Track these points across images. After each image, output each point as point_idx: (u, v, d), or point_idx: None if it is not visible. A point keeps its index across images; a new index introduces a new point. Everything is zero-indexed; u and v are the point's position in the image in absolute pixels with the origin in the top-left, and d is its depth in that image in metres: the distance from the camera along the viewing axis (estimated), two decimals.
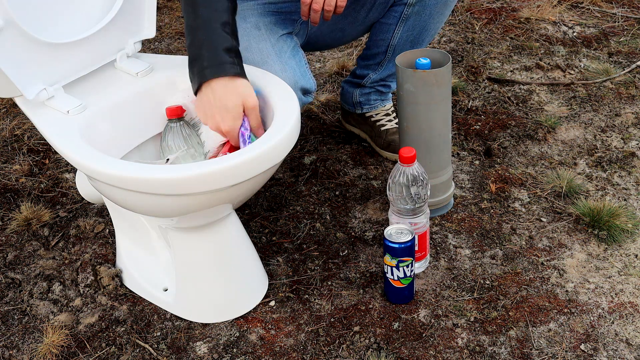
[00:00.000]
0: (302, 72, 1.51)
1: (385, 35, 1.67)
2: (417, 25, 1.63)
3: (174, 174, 1.11)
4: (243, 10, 1.54)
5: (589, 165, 1.79)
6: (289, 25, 1.58)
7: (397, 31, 1.65)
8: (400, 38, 1.66)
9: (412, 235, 1.34)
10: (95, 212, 1.73)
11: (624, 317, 1.37)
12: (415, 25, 1.63)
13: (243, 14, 1.53)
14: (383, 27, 1.67)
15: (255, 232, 1.64)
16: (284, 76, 1.44)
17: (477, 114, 2.01)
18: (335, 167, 1.82)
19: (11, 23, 1.19)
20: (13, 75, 1.22)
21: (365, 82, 1.80)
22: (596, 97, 2.06)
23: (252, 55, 1.47)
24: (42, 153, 1.97)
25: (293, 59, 1.51)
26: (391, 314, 1.40)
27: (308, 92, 1.53)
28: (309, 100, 1.55)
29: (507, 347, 1.32)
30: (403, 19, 1.62)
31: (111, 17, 1.38)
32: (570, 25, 2.46)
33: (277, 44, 1.51)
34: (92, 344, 1.39)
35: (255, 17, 1.54)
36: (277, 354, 1.34)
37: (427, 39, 1.68)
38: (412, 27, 1.63)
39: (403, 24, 1.63)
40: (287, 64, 1.47)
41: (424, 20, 1.62)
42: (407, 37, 1.65)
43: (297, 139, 1.24)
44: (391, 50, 1.70)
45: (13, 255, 1.62)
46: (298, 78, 1.48)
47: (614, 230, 1.55)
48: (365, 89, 1.82)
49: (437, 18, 1.62)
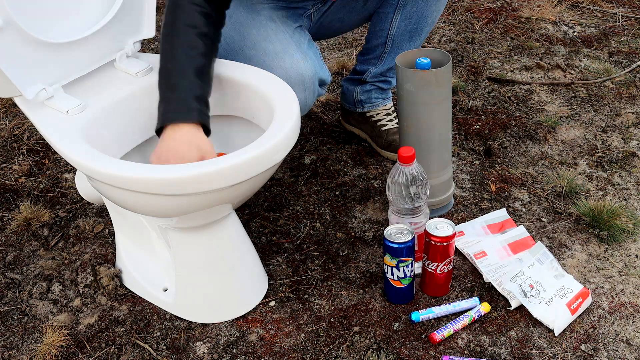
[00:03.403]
0: (320, 64, 1.53)
1: (384, 25, 1.68)
2: (415, 13, 1.64)
3: (174, 174, 1.11)
4: (255, 4, 1.55)
5: (589, 165, 1.79)
6: (298, 19, 1.60)
7: (395, 20, 1.66)
8: (399, 27, 1.67)
9: (412, 235, 1.34)
10: (95, 212, 1.73)
11: (624, 318, 1.37)
12: (412, 13, 1.64)
13: (255, 8, 1.54)
14: (381, 16, 1.68)
15: (255, 232, 1.63)
16: (305, 66, 1.45)
17: (477, 114, 2.01)
18: (335, 167, 1.82)
19: (11, 23, 1.19)
20: (12, 75, 1.22)
21: (365, 77, 1.80)
22: (596, 97, 2.05)
23: (273, 45, 1.47)
24: (42, 153, 1.96)
25: (311, 49, 1.53)
26: (391, 314, 1.40)
27: (324, 84, 1.56)
28: (323, 92, 1.57)
29: (507, 347, 1.32)
30: (400, 7, 1.64)
31: (111, 17, 1.38)
32: (571, 25, 2.46)
33: (294, 35, 1.52)
34: (92, 344, 1.39)
35: (268, 11, 1.55)
36: (277, 354, 1.34)
37: (425, 29, 1.69)
38: (410, 15, 1.64)
39: (400, 11, 1.64)
40: (308, 54, 1.49)
41: (420, 7, 1.63)
42: (405, 27, 1.66)
43: (297, 139, 1.24)
44: (390, 41, 1.70)
45: (12, 256, 1.62)
46: (317, 69, 1.50)
47: (614, 230, 1.55)
48: (366, 86, 1.82)
49: (433, 5, 1.64)
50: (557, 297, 1.37)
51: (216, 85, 1.39)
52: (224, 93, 1.38)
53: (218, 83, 1.38)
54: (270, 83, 1.33)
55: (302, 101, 1.48)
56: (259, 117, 1.34)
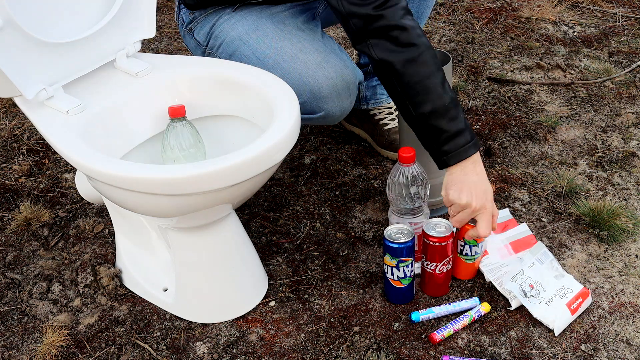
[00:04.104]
0: (354, 65, 1.52)
1: None
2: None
3: (174, 174, 1.11)
4: (275, 13, 1.53)
5: (589, 165, 1.79)
6: (313, 21, 1.58)
7: None
8: None
9: (412, 236, 1.34)
10: (95, 212, 1.73)
11: (624, 318, 1.37)
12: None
13: (278, 17, 1.52)
14: None
15: (255, 232, 1.63)
16: (348, 71, 1.46)
17: (477, 114, 2.01)
18: (335, 167, 1.82)
19: (11, 23, 1.19)
20: (12, 75, 1.22)
21: (369, 69, 1.80)
22: (596, 97, 2.05)
23: (312, 56, 1.46)
24: (42, 153, 1.96)
25: (343, 53, 1.53)
26: (391, 314, 1.40)
27: (360, 83, 1.55)
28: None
29: (507, 347, 1.32)
30: None
31: (111, 17, 1.38)
32: (571, 25, 2.46)
33: (327, 42, 1.52)
34: (92, 344, 1.39)
35: (291, 19, 1.53)
36: (277, 354, 1.34)
37: (426, 12, 1.69)
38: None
39: None
40: (345, 60, 1.49)
41: None
42: None
43: (297, 139, 1.24)
44: None
45: (12, 256, 1.62)
46: (357, 71, 1.50)
47: (614, 230, 1.55)
48: (372, 81, 1.82)
49: None
50: (557, 297, 1.37)
51: (216, 85, 1.39)
52: (225, 93, 1.38)
53: (218, 83, 1.39)
54: (270, 83, 1.33)
55: (347, 107, 1.49)
56: (259, 117, 1.34)
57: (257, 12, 1.52)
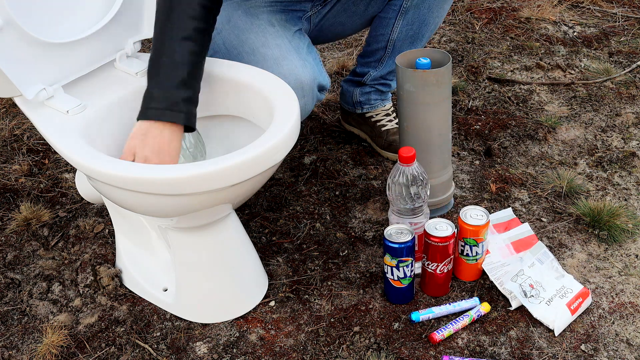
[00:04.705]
0: (320, 69, 1.52)
1: (385, 30, 1.67)
2: (417, 20, 1.63)
3: (174, 174, 1.11)
4: (252, 7, 1.54)
5: (589, 165, 1.79)
6: (297, 22, 1.59)
7: (397, 25, 1.65)
8: (400, 32, 1.66)
9: (412, 235, 1.34)
10: (95, 212, 1.73)
11: (624, 318, 1.37)
12: (414, 20, 1.63)
13: (254, 11, 1.53)
14: (382, 21, 1.67)
15: (255, 232, 1.63)
16: (304, 72, 1.45)
17: (477, 114, 2.01)
18: (335, 167, 1.82)
19: (11, 23, 1.19)
20: (12, 75, 1.22)
21: (365, 79, 1.80)
22: (596, 97, 2.05)
23: (271, 50, 1.46)
24: (42, 153, 1.96)
25: (310, 55, 1.52)
26: (391, 314, 1.40)
27: (323, 89, 1.54)
28: (322, 97, 1.56)
29: (507, 347, 1.32)
30: (402, 13, 1.62)
31: (111, 17, 1.38)
32: (571, 25, 2.46)
33: (293, 40, 1.51)
34: (92, 344, 1.39)
35: (267, 14, 1.54)
36: (277, 354, 1.34)
37: (427, 34, 1.68)
38: (412, 22, 1.63)
39: (402, 17, 1.63)
40: (307, 60, 1.48)
41: (423, 14, 1.62)
42: (406, 32, 1.65)
43: (297, 139, 1.23)
44: (391, 46, 1.69)
45: (12, 256, 1.62)
46: (317, 74, 1.49)
47: (614, 230, 1.55)
48: (366, 88, 1.82)
49: (436, 12, 1.63)
50: (557, 297, 1.37)
51: (216, 85, 1.39)
52: (225, 93, 1.38)
53: (218, 83, 1.38)
54: (270, 83, 1.33)
55: (301, 107, 1.47)
56: (259, 117, 1.34)
57: (235, 5, 1.53)
